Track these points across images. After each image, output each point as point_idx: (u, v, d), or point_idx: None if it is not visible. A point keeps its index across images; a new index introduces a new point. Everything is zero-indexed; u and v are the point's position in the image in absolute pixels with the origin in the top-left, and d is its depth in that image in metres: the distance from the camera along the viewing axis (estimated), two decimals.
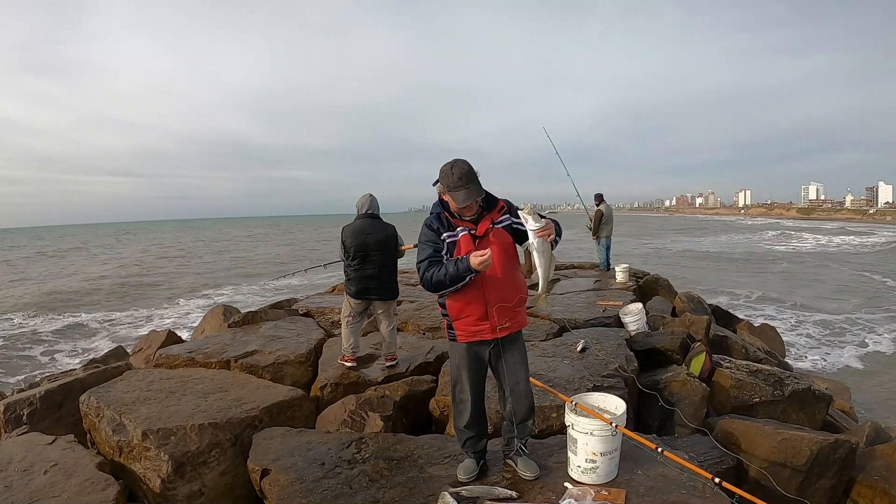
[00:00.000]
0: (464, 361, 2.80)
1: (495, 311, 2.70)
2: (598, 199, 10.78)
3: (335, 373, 4.61)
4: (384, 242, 4.55)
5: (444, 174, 2.66)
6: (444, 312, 2.82)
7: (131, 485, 3.39)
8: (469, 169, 2.64)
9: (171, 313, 16.44)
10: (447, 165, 2.67)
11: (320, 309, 7.21)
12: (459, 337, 2.78)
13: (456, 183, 2.61)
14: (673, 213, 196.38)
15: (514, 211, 2.83)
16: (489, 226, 2.74)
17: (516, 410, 2.87)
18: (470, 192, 2.61)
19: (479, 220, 2.75)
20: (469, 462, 2.91)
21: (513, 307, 2.76)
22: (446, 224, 2.75)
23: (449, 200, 2.70)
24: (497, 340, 2.77)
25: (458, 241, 2.72)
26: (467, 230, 2.73)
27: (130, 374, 4.74)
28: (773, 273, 22.66)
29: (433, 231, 2.75)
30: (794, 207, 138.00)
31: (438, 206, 2.81)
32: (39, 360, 11.51)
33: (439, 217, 2.77)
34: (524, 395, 2.86)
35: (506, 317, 2.73)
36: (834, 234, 48.90)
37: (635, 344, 5.22)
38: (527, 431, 2.94)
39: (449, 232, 2.73)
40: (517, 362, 2.84)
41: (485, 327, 2.72)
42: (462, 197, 2.61)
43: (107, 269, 29.62)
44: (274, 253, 39.29)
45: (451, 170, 2.64)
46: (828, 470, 3.43)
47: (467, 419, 2.86)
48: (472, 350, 2.79)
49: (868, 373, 9.29)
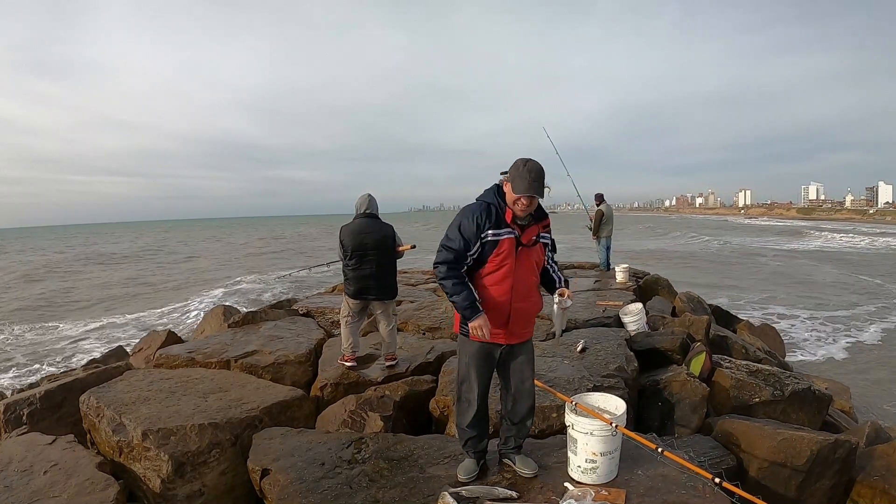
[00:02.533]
0: (474, 360, 2.78)
1: (515, 319, 2.71)
2: (598, 199, 10.82)
3: (335, 373, 4.61)
4: (382, 242, 4.54)
5: (516, 169, 2.55)
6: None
7: (131, 485, 3.38)
8: (542, 170, 2.57)
9: (170, 313, 16.45)
10: (521, 160, 2.57)
11: (320, 309, 7.21)
12: (473, 335, 2.74)
13: (530, 181, 2.51)
14: (673, 213, 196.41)
15: (549, 231, 2.86)
16: (534, 237, 2.71)
17: (518, 409, 2.87)
18: (535, 188, 2.52)
19: (528, 227, 2.69)
20: (469, 462, 2.90)
21: (530, 319, 2.81)
22: (495, 219, 2.63)
23: (508, 192, 2.60)
24: (508, 346, 2.79)
25: (500, 242, 2.63)
26: (514, 234, 2.65)
27: (130, 374, 4.74)
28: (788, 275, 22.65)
29: (476, 226, 2.61)
30: (794, 207, 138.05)
31: (492, 196, 2.68)
32: (40, 360, 11.50)
33: (489, 209, 2.64)
34: (528, 394, 2.86)
35: (521, 326, 2.76)
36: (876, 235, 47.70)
37: (635, 344, 5.22)
38: (525, 431, 2.95)
39: (495, 229, 2.62)
40: (525, 362, 2.85)
41: (501, 333, 2.72)
42: (526, 186, 2.50)
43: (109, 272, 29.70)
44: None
45: (524, 165, 2.55)
46: (828, 470, 3.43)
47: (471, 418, 2.84)
48: (484, 349, 2.76)
49: (868, 373, 9.29)
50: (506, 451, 2.98)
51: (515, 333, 2.76)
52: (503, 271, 2.65)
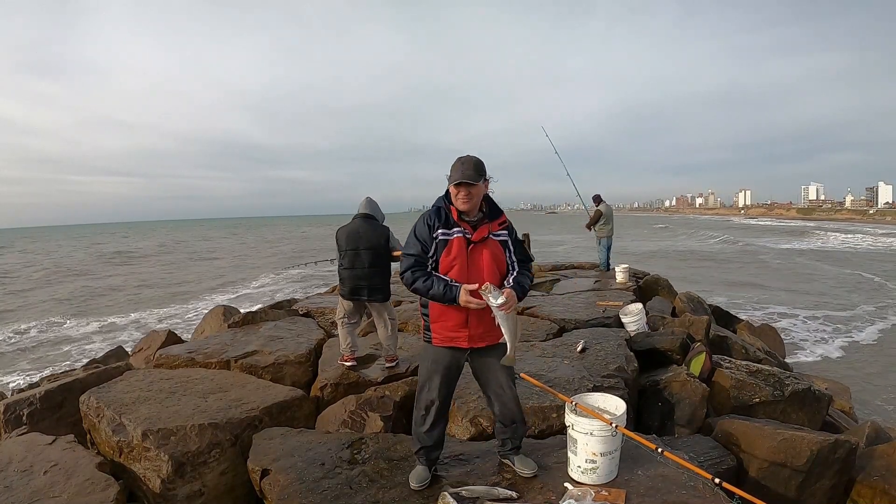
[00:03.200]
0: (436, 366, 2.75)
1: (475, 320, 2.66)
2: (596, 199, 11.12)
3: (335, 373, 4.61)
4: (375, 243, 4.57)
5: (454, 164, 2.64)
6: (423, 312, 2.78)
7: (131, 485, 3.38)
8: (479, 162, 2.64)
9: (171, 312, 16.46)
10: (459, 158, 2.65)
11: (320, 309, 7.21)
12: (435, 340, 2.74)
13: (463, 170, 2.59)
14: (673, 213, 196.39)
15: (513, 230, 2.84)
16: (486, 234, 2.70)
17: (506, 414, 2.85)
18: (467, 175, 2.57)
19: (479, 225, 2.71)
20: (421, 469, 2.85)
21: (493, 321, 2.70)
22: (444, 219, 2.69)
23: (451, 190, 2.66)
24: (472, 350, 2.73)
25: (450, 242, 2.66)
26: (463, 233, 2.67)
27: (130, 374, 4.74)
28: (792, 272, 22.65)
29: (427, 227, 2.69)
30: (794, 208, 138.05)
31: (441, 199, 2.75)
32: (42, 359, 11.53)
33: (439, 211, 2.72)
34: (510, 400, 2.83)
35: (483, 328, 2.68)
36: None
37: (635, 344, 5.22)
38: (520, 432, 2.94)
39: (444, 229, 2.67)
40: (499, 369, 2.78)
41: (462, 335, 2.68)
42: (458, 175, 2.57)
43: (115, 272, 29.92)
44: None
45: (458, 159, 2.63)
46: (828, 470, 3.43)
47: (429, 426, 2.81)
48: (446, 355, 2.74)
49: (868, 373, 9.29)
50: (504, 453, 2.97)
51: (478, 336, 2.70)
52: (455, 271, 2.64)
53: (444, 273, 2.65)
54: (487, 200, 2.78)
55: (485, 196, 2.75)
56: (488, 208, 2.76)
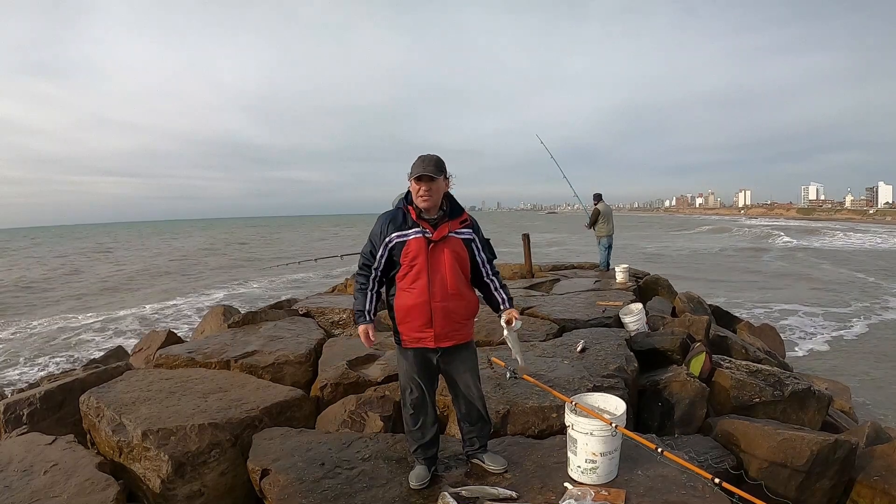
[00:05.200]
0: (413, 368, 2.78)
1: (439, 319, 2.66)
2: (596, 198, 11.18)
3: (335, 373, 4.61)
4: None
5: (415, 161, 2.64)
6: (391, 315, 2.79)
7: (131, 485, 3.38)
8: (439, 159, 2.65)
9: (171, 312, 16.45)
10: (420, 155, 2.66)
11: (320, 309, 7.20)
12: (404, 342, 2.75)
13: (423, 166, 2.59)
14: (673, 213, 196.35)
15: (479, 229, 2.84)
16: (447, 233, 2.69)
17: (471, 413, 2.89)
18: (428, 169, 2.57)
19: (439, 224, 2.69)
20: (420, 469, 2.87)
21: (459, 320, 2.72)
22: (401, 220, 2.69)
23: (414, 192, 2.65)
24: (441, 350, 2.74)
25: (408, 242, 2.65)
26: (423, 232, 2.66)
27: (130, 374, 4.74)
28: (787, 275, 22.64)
29: (380, 230, 2.71)
30: (794, 208, 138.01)
31: (401, 201, 2.76)
32: (42, 359, 11.52)
33: (397, 213, 2.72)
34: (476, 399, 2.87)
35: (449, 327, 2.69)
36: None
37: (635, 344, 5.22)
38: (486, 430, 2.97)
39: (401, 231, 2.67)
40: (466, 370, 2.82)
41: (428, 335, 2.68)
42: (419, 169, 2.58)
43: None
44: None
45: (420, 156, 2.64)
46: (828, 470, 3.43)
47: (419, 424, 2.85)
48: (417, 355, 2.76)
49: (869, 373, 9.29)
50: (472, 452, 2.98)
51: (444, 336, 2.70)
52: (415, 271, 2.65)
53: (404, 274, 2.68)
54: (449, 199, 2.77)
55: (446, 194, 2.74)
56: (449, 207, 2.75)
